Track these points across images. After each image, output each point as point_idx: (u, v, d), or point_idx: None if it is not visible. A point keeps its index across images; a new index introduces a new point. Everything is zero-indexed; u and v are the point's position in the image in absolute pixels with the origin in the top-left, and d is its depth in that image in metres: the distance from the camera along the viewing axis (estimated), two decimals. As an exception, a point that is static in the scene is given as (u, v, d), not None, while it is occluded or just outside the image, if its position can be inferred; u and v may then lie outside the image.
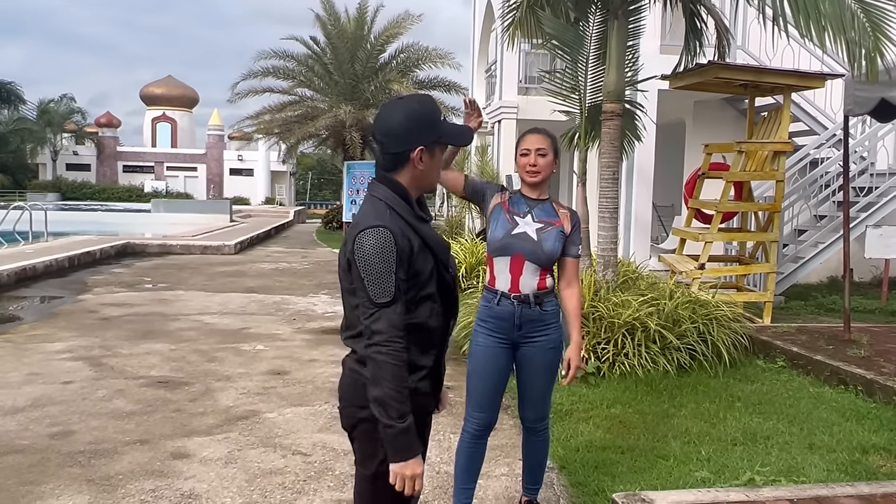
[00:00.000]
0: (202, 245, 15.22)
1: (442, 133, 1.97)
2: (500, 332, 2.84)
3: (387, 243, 1.83)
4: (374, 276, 1.82)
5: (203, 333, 6.93)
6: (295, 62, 20.55)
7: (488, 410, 2.92)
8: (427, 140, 1.93)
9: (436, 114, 1.97)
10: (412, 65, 20.47)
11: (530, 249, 2.78)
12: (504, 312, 2.81)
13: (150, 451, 3.86)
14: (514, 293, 2.79)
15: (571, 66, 6.67)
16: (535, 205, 2.85)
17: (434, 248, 1.96)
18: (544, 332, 2.86)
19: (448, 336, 2.04)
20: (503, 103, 13.86)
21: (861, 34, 5.19)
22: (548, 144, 2.81)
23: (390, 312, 1.83)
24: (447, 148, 2.08)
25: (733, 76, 7.42)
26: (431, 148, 1.95)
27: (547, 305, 2.83)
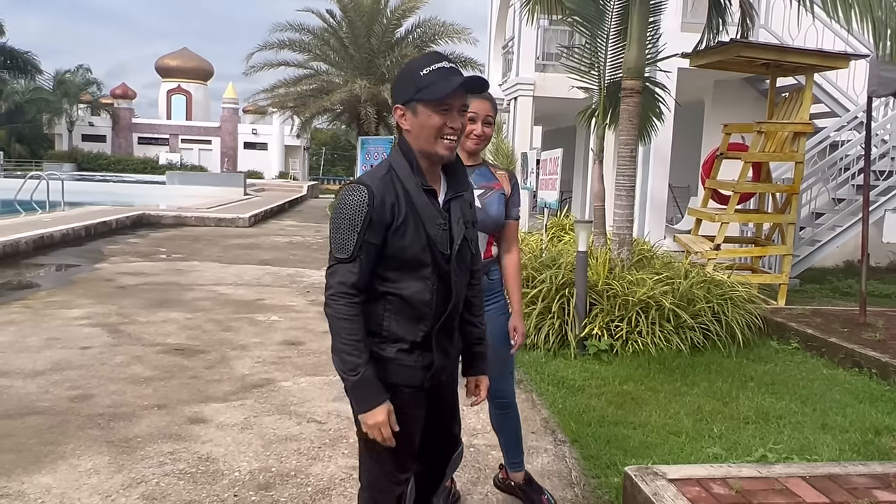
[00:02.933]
0: (217, 217, 15.29)
1: (419, 87, 1.83)
2: None
3: (359, 201, 1.81)
4: (338, 230, 1.84)
5: (218, 303, 6.99)
6: (310, 35, 20.45)
7: None
8: (403, 98, 1.87)
9: (418, 70, 1.84)
10: (428, 40, 20.30)
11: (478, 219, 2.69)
12: None
13: (167, 415, 3.92)
14: None
15: (591, 42, 6.61)
16: (471, 171, 2.69)
17: (427, 225, 1.88)
18: (493, 299, 2.79)
19: (443, 315, 1.96)
20: (520, 80, 13.75)
21: (888, 13, 5.10)
22: (494, 112, 2.68)
23: (345, 269, 1.83)
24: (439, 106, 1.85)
25: (755, 55, 7.32)
26: (411, 105, 1.86)
27: (493, 274, 2.80)
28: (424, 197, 1.90)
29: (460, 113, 1.88)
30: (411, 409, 1.99)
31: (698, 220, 8.34)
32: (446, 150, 1.88)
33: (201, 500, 2.96)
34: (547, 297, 5.52)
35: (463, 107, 1.89)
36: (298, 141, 39.86)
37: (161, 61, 47.29)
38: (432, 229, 1.90)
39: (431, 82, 1.82)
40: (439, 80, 1.82)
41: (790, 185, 7.64)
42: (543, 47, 13.96)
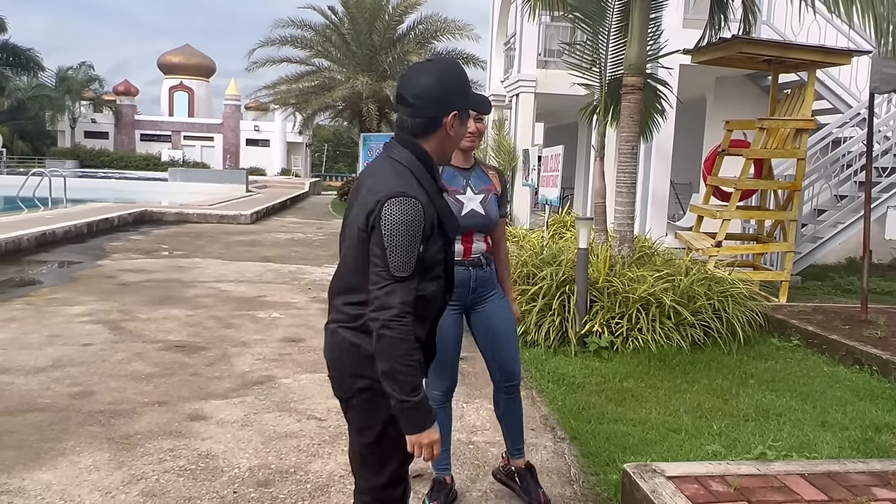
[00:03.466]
0: (218, 214, 15.31)
1: (471, 99, 1.95)
2: (455, 300, 2.82)
3: (417, 215, 1.76)
4: (398, 247, 1.75)
5: (219, 300, 7.00)
6: (312, 32, 20.44)
7: (449, 378, 2.93)
8: (461, 105, 1.89)
9: (467, 78, 1.95)
10: (430, 36, 20.29)
11: (481, 224, 2.82)
12: (460, 279, 2.76)
13: (167, 412, 3.93)
14: (467, 258, 2.83)
15: (592, 39, 6.60)
16: (468, 175, 2.83)
17: (446, 223, 1.90)
18: (494, 288, 2.93)
19: (444, 309, 2.01)
20: (522, 76, 13.72)
21: (889, 9, 5.08)
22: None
23: (406, 287, 1.76)
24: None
25: (757, 51, 7.29)
26: (462, 114, 1.90)
27: (492, 264, 2.93)
28: (443, 199, 1.93)
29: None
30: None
31: (700, 217, 8.33)
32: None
33: (201, 496, 2.97)
34: (547, 294, 5.52)
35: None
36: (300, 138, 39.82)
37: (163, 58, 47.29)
38: (451, 229, 1.93)
39: (477, 96, 2.01)
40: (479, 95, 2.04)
41: (792, 182, 7.62)
42: (545, 44, 13.92)
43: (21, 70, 30.73)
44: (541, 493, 2.98)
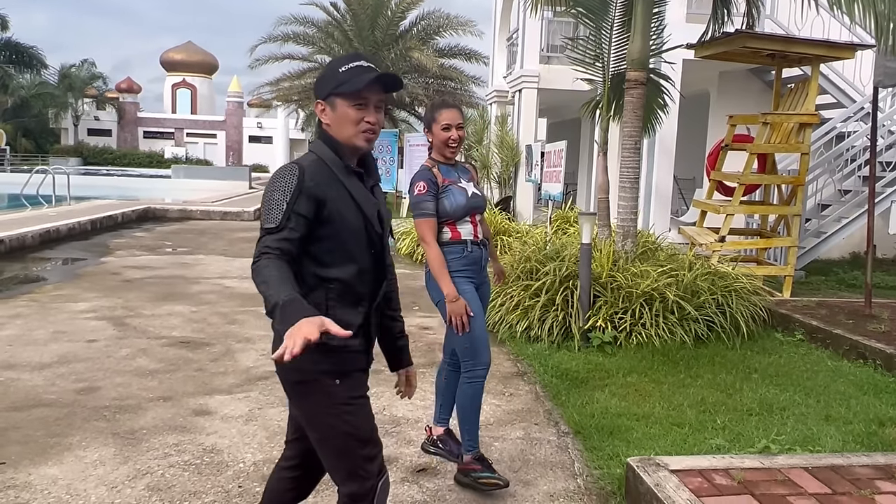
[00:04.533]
0: (222, 211, 15.33)
1: (338, 83, 1.93)
2: (475, 275, 3.18)
3: (289, 175, 1.88)
4: (267, 202, 1.88)
5: (223, 297, 7.02)
6: (315, 28, 20.39)
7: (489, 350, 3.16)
8: (323, 93, 1.97)
9: (337, 67, 1.95)
10: (433, 32, 20.22)
11: (481, 205, 3.20)
12: (476, 257, 3.16)
13: (172, 407, 3.95)
14: (476, 239, 3.16)
15: (595, 34, 6.59)
16: (457, 169, 3.20)
17: (362, 203, 1.97)
18: (487, 268, 3.29)
19: (378, 295, 2.05)
20: (524, 72, 13.71)
21: (890, 7, 5.06)
22: (462, 118, 3.10)
23: (272, 238, 1.83)
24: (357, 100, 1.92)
25: (761, 46, 7.27)
26: (330, 100, 1.96)
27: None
28: (355, 179, 1.99)
29: (377, 108, 1.96)
30: (365, 393, 2.07)
31: (703, 212, 8.31)
32: (365, 143, 1.97)
33: (206, 490, 2.99)
34: (551, 290, 5.52)
35: (379, 102, 1.96)
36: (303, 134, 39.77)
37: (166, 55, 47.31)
38: (368, 208, 1.99)
39: (348, 78, 1.92)
40: (355, 76, 1.92)
41: (796, 177, 7.60)
42: (548, 39, 13.90)
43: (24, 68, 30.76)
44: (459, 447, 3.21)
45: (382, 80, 1.95)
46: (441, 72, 19.57)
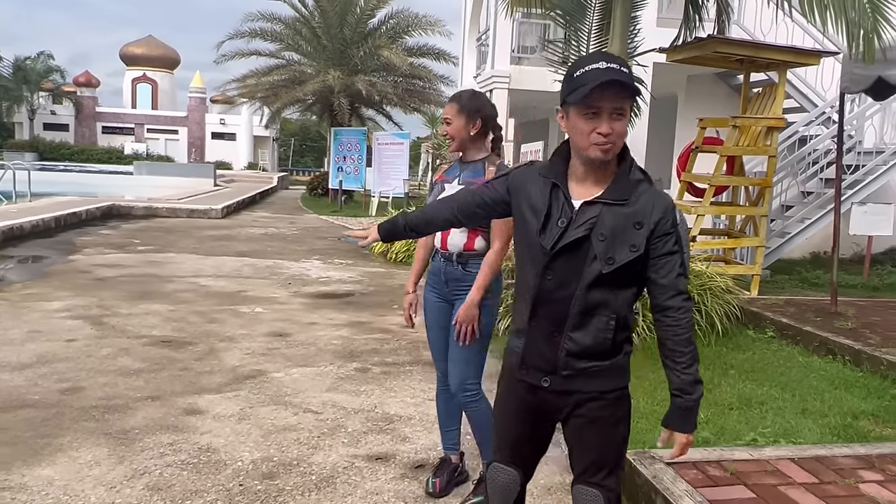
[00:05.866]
0: (189, 209, 15.11)
1: (569, 90, 1.84)
2: (436, 287, 2.95)
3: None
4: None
5: (200, 295, 6.95)
6: (282, 25, 20.23)
7: (443, 360, 2.98)
8: (560, 100, 1.90)
9: (574, 69, 1.84)
10: (402, 31, 20.23)
11: None
12: (435, 267, 2.93)
13: (162, 406, 3.91)
14: (442, 250, 2.87)
15: (573, 36, 6.69)
16: (465, 167, 2.87)
17: (536, 210, 2.03)
18: (467, 292, 2.80)
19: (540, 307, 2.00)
20: (495, 72, 13.80)
21: (861, 14, 5.26)
22: (454, 111, 2.81)
23: None
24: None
25: (731, 51, 7.47)
26: (564, 108, 1.87)
27: (471, 267, 2.82)
28: (546, 189, 1.91)
29: (614, 116, 1.80)
30: (505, 395, 2.09)
31: (674, 213, 8.49)
32: (601, 153, 1.82)
33: (207, 489, 2.98)
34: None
35: (616, 109, 1.80)
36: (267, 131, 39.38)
37: (126, 49, 46.26)
38: (533, 214, 1.92)
39: (580, 84, 1.77)
40: (588, 81, 1.76)
41: (763, 179, 7.84)
42: (519, 40, 14.03)
43: (-24, 60, 29.77)
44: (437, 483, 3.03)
45: (616, 82, 1.75)
46: (411, 70, 19.59)
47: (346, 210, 18.14)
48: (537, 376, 1.97)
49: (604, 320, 1.88)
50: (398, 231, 2.25)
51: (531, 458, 2.15)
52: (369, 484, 3.10)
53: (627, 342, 1.95)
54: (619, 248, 1.83)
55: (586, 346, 1.90)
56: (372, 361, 4.95)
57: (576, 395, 1.95)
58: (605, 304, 1.87)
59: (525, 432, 2.08)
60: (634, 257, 1.83)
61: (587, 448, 2.00)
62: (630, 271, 1.85)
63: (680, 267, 1.86)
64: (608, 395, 1.94)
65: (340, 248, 11.26)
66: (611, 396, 1.94)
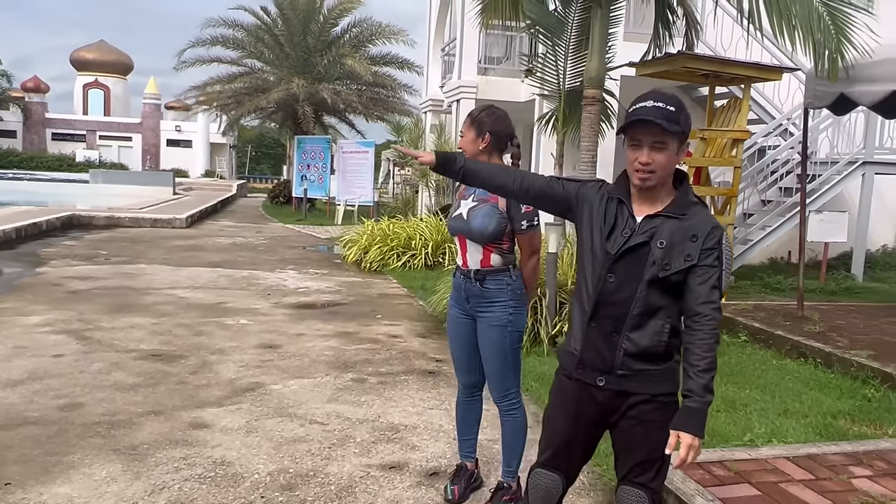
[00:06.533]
0: (152, 218, 14.87)
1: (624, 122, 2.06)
2: (458, 303, 3.01)
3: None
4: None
5: (180, 308, 6.90)
6: (244, 32, 20.07)
7: (465, 372, 3.09)
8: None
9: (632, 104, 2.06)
10: (365, 40, 20.29)
11: (462, 228, 2.90)
12: (457, 283, 3.00)
13: (166, 421, 3.92)
14: (463, 267, 2.95)
15: (552, 52, 6.89)
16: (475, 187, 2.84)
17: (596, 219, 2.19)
18: (489, 309, 2.89)
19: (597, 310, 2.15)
20: (462, 83, 13.98)
21: (826, 36, 5.57)
22: (466, 125, 2.89)
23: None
24: None
25: (700, 66, 7.76)
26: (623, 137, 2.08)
27: (489, 284, 2.87)
28: (608, 203, 2.12)
29: (654, 148, 1.97)
30: (558, 399, 2.25)
31: (644, 222, 8.76)
32: (638, 181, 2.03)
33: (230, 502, 3.02)
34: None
35: (657, 142, 1.97)
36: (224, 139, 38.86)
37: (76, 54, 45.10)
38: (599, 225, 2.11)
39: (629, 118, 1.99)
40: (634, 116, 1.99)
41: (729, 189, 8.16)
42: (485, 51, 14.24)
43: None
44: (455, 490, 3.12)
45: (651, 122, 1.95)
46: (375, 79, 19.64)
47: (310, 219, 18.08)
48: (593, 375, 2.13)
49: (660, 323, 2.04)
50: (451, 168, 2.34)
51: (577, 463, 2.29)
52: (388, 493, 3.18)
53: (677, 351, 2.10)
54: (676, 256, 2.00)
55: (643, 347, 2.06)
56: (367, 372, 5.01)
57: (630, 396, 2.09)
58: (662, 308, 2.04)
59: (576, 434, 2.22)
60: (688, 265, 2.00)
61: (635, 449, 2.14)
62: (683, 281, 2.02)
63: (716, 280, 2.00)
64: (659, 398, 2.09)
65: (312, 257, 11.26)
66: (661, 400, 2.09)
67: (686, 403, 2.00)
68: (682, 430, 1.99)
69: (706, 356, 1.99)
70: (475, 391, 3.16)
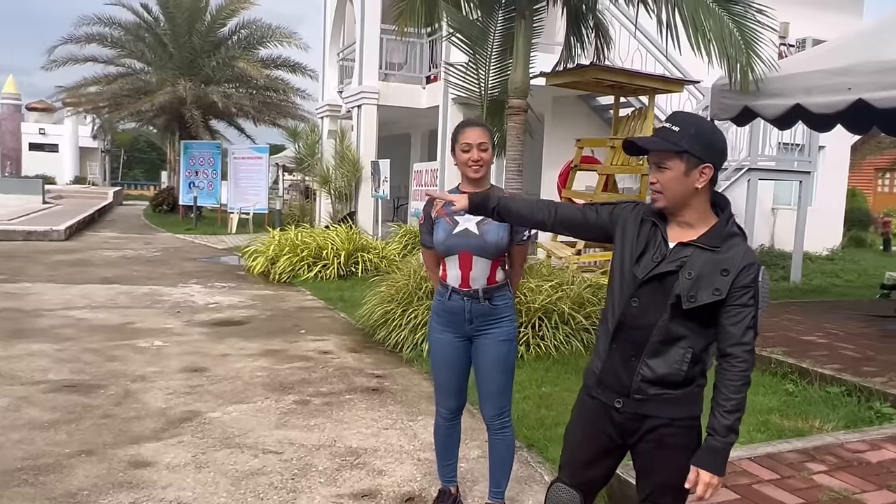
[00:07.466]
0: (25, 230, 13.66)
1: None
2: (453, 326, 2.87)
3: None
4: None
5: (83, 330, 6.33)
6: (123, 30, 18.85)
7: (455, 397, 3.00)
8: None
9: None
10: (256, 42, 19.60)
11: (475, 244, 2.77)
12: (455, 307, 2.84)
13: (101, 461, 3.55)
14: (463, 289, 2.81)
15: (473, 60, 6.90)
16: None
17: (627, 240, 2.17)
18: (496, 324, 2.85)
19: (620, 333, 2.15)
20: (364, 88, 13.81)
21: (737, 51, 5.93)
22: (488, 138, 2.81)
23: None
24: None
25: (609, 77, 8.06)
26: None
27: (497, 300, 2.84)
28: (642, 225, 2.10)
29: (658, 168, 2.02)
30: (579, 417, 2.24)
31: (557, 228, 8.98)
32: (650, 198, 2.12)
33: (199, 549, 2.77)
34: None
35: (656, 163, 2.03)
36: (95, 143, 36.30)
37: (-84, 48, 40.61)
38: (630, 248, 2.09)
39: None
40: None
41: (638, 195, 8.51)
42: (386, 57, 14.14)
43: None
44: None
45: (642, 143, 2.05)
46: (267, 82, 19.03)
47: (201, 228, 17.21)
48: (611, 397, 2.12)
49: (681, 352, 2.02)
50: (486, 209, 2.39)
51: (597, 484, 2.25)
52: (367, 524, 3.03)
53: (701, 376, 2.10)
54: (704, 289, 1.97)
55: (661, 374, 2.03)
56: (308, 393, 4.79)
57: (648, 419, 2.08)
58: (684, 338, 2.01)
59: (596, 454, 2.19)
60: (716, 300, 1.97)
61: (655, 471, 2.13)
62: (710, 313, 1.99)
63: (751, 320, 1.98)
64: (679, 422, 2.08)
65: (214, 269, 10.71)
66: (681, 423, 2.08)
67: (708, 441, 2.02)
68: (702, 467, 2.00)
69: (733, 398, 2.00)
70: (458, 414, 3.07)
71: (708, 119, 7.40)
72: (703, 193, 2.02)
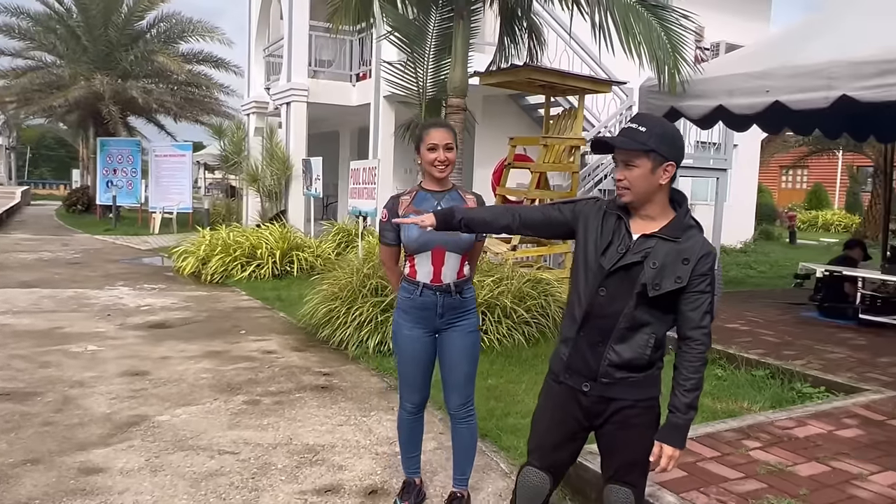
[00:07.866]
0: (-72, 233, 12.80)
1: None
2: (423, 322, 2.93)
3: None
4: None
5: (8, 336, 6.05)
6: (32, 21, 17.90)
7: (418, 391, 3.07)
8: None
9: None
10: (176, 36, 18.98)
11: (450, 239, 2.81)
12: (427, 302, 2.89)
13: (49, 470, 3.44)
14: (435, 283, 2.87)
15: (412, 59, 6.97)
16: (441, 196, 2.90)
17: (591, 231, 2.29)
18: (464, 317, 2.96)
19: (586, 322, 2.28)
20: (293, 85, 13.64)
21: (665, 54, 6.23)
22: (453, 138, 2.88)
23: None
24: None
25: (541, 78, 8.28)
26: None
27: (466, 293, 2.95)
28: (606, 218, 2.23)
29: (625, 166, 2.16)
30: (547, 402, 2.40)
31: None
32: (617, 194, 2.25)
33: (166, 552, 2.74)
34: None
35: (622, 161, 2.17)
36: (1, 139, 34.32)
37: None
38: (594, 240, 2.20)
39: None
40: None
41: (569, 192, 8.79)
42: (315, 54, 14.00)
43: None
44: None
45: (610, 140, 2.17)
46: (189, 78, 18.48)
47: (121, 228, 16.57)
48: (579, 381, 2.27)
49: (645, 338, 2.16)
50: (452, 223, 2.48)
51: (564, 465, 2.37)
52: (334, 518, 3.07)
53: (660, 360, 2.26)
54: (667, 277, 2.11)
55: (627, 359, 2.18)
56: (257, 393, 4.75)
57: (614, 402, 2.22)
58: (648, 325, 2.16)
59: (564, 437, 2.31)
60: (677, 287, 2.12)
61: (620, 450, 2.27)
62: (671, 300, 2.14)
63: (708, 305, 2.15)
64: (641, 403, 2.23)
65: (141, 271, 10.38)
66: (644, 405, 2.23)
67: (670, 419, 2.17)
68: (665, 442, 2.16)
69: (692, 377, 2.17)
70: (422, 408, 3.13)
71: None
72: (665, 189, 2.18)
